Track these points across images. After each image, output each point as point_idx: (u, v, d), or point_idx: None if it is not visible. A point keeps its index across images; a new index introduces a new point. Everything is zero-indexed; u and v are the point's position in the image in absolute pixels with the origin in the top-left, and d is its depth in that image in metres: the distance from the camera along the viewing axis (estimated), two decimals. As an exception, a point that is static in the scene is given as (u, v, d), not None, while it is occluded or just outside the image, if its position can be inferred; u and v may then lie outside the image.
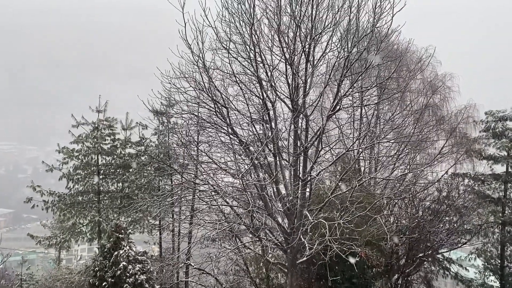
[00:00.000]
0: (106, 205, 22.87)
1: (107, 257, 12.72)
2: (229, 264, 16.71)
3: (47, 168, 22.41)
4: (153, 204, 17.00)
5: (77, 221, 22.74)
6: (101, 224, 21.91)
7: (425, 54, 20.21)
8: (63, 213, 22.54)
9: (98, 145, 22.67)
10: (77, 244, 25.95)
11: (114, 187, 23.33)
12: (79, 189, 22.77)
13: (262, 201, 14.08)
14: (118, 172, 23.09)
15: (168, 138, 22.24)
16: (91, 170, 22.67)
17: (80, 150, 22.69)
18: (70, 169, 22.71)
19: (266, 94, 13.76)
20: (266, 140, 13.47)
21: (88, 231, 22.78)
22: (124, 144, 23.34)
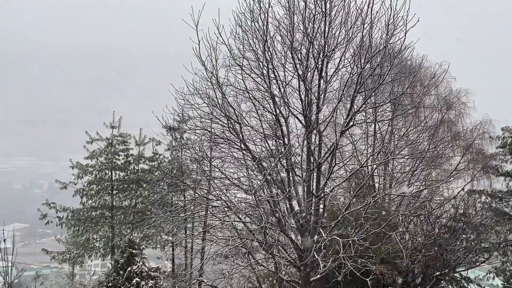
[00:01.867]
0: (119, 220, 22.98)
1: (120, 272, 12.72)
2: (242, 281, 16.52)
3: (61, 186, 22.68)
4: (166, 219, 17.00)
5: (91, 236, 22.85)
6: (114, 240, 21.98)
7: (439, 70, 20.10)
8: (77, 229, 22.70)
9: (112, 161, 22.90)
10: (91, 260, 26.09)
11: (127, 203, 23.46)
12: (92, 205, 22.95)
13: (275, 217, 13.97)
14: (131, 188, 23.24)
15: (181, 154, 22.36)
16: (105, 185, 22.87)
17: (94, 165, 22.95)
18: (84, 184, 22.94)
19: (279, 110, 13.79)
20: (279, 156, 13.45)
21: (101, 246, 22.86)
22: (137, 160, 23.54)
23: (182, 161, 21.45)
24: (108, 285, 12.75)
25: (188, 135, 20.00)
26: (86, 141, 23.00)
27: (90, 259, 25.80)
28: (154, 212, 21.27)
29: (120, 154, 23.33)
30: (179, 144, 22.19)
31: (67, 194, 23.09)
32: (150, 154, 23.62)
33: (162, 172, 22.40)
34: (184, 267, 20.50)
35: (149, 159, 23.59)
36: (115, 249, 21.81)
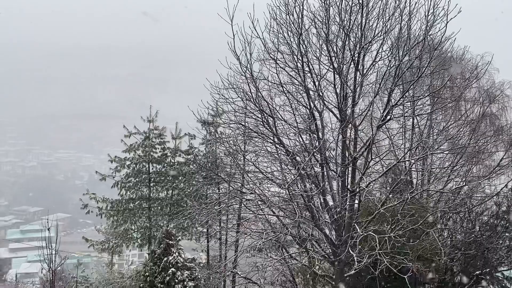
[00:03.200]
0: (156, 211, 23.55)
1: (157, 263, 13.05)
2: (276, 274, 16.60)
3: (101, 178, 23.47)
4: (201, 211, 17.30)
5: (129, 227, 23.56)
6: (151, 230, 22.59)
7: (481, 62, 19.26)
8: (115, 219, 23.47)
9: (149, 154, 23.46)
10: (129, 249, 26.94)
11: (163, 194, 24.01)
12: (130, 196, 23.63)
13: (309, 212, 13.91)
14: (167, 180, 23.75)
15: (216, 148, 22.62)
16: (142, 177, 23.48)
17: (132, 158, 23.58)
18: (122, 176, 23.64)
19: (313, 104, 13.66)
20: (313, 150, 13.35)
21: (139, 237, 23.52)
22: (173, 153, 24.01)
23: (216, 155, 21.71)
24: (145, 275, 13.13)
25: (223, 129, 20.20)
26: (124, 135, 23.66)
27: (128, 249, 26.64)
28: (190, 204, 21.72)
29: (156, 147, 23.87)
30: (213, 138, 22.44)
31: (107, 186, 23.89)
32: (186, 147, 24.02)
33: (197, 165, 22.75)
34: (218, 258, 20.81)
35: (185, 153, 23.99)
36: (152, 239, 22.41)
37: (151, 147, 23.66)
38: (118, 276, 21.78)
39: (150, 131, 23.75)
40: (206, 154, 23.58)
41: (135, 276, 19.69)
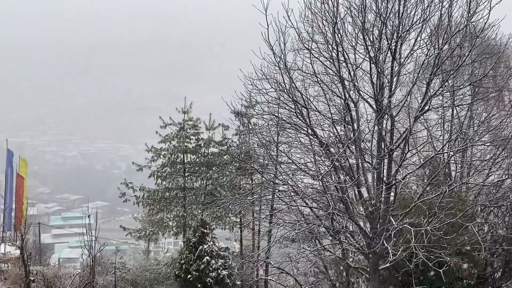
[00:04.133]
0: (190, 201, 23.99)
1: (192, 251, 13.32)
2: (309, 265, 16.60)
3: (138, 168, 24.11)
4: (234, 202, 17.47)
5: (164, 215, 24.14)
6: (186, 219, 23.06)
7: (528, 49, 18.28)
8: (152, 208, 24.08)
9: (184, 144, 23.86)
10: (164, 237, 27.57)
11: (198, 184, 24.40)
12: (166, 186, 24.15)
13: (343, 204, 13.78)
14: (202, 170, 24.11)
15: (249, 139, 22.71)
16: (177, 167, 23.94)
17: (167, 149, 24.07)
18: (158, 166, 24.19)
19: (348, 94, 13.44)
20: (347, 142, 13.17)
21: (174, 225, 24.06)
22: (207, 144, 24.31)
23: (249, 146, 21.81)
24: (180, 262, 13.43)
25: (256, 120, 20.22)
26: (160, 126, 24.16)
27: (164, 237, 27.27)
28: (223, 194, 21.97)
29: (191, 138, 24.24)
30: (246, 129, 22.53)
31: (143, 175, 24.51)
32: (219, 138, 24.26)
33: (230, 156, 22.95)
34: (251, 248, 21.01)
35: (219, 143, 24.24)
36: (186, 228, 22.88)
37: (186, 138, 24.05)
38: (154, 263, 22.38)
39: (184, 122, 24.13)
40: (239, 145, 23.73)
41: (171, 263, 20.18)
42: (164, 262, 21.99)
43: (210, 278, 12.73)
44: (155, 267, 21.19)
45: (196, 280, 12.86)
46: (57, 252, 56.46)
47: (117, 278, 19.06)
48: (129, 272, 20.89)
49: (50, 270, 19.23)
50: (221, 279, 12.89)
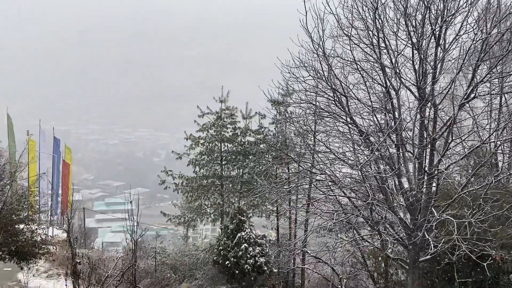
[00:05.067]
0: (227, 189, 24.28)
1: (230, 238, 13.50)
2: (346, 255, 16.48)
3: (177, 156, 24.60)
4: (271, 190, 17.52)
5: (202, 202, 24.57)
6: (224, 207, 23.39)
7: None
8: (190, 195, 24.57)
9: (221, 133, 24.09)
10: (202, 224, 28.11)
11: (234, 173, 24.62)
12: (204, 173, 24.53)
13: (382, 194, 13.52)
14: (238, 159, 24.29)
15: (286, 127, 22.61)
16: (215, 156, 24.24)
17: (205, 137, 24.38)
18: (196, 154, 24.57)
19: (389, 82, 13.08)
20: (388, 131, 12.85)
21: (212, 212, 24.46)
22: (244, 132, 24.42)
23: (286, 135, 21.72)
24: (218, 248, 13.65)
25: (293, 108, 20.07)
26: (198, 115, 24.46)
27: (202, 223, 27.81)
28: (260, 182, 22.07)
29: (228, 127, 24.42)
30: (283, 118, 22.43)
31: (182, 163, 24.98)
32: (256, 127, 24.31)
33: (267, 145, 22.96)
34: (288, 237, 21.06)
35: (255, 132, 24.30)
36: (224, 215, 23.21)
37: (223, 127, 24.25)
38: (193, 249, 22.90)
39: (221, 111, 24.31)
40: (276, 134, 23.68)
41: (209, 249, 20.58)
42: (202, 248, 22.45)
43: (248, 265, 12.87)
44: (194, 252, 21.67)
45: (234, 266, 13.04)
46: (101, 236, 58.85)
47: (157, 262, 19.68)
48: (169, 257, 21.48)
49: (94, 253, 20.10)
50: (258, 266, 13.01)
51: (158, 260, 19.95)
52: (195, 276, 19.31)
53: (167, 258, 21.28)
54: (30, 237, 15.54)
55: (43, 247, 15.99)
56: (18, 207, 15.44)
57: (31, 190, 17.46)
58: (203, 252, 21.13)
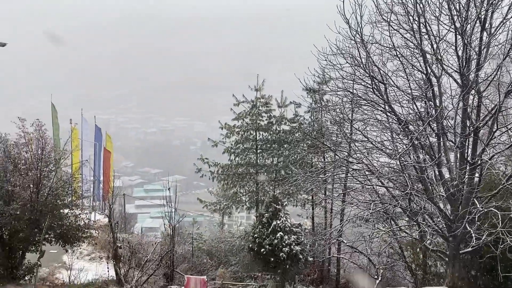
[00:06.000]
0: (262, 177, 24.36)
1: (265, 225, 13.59)
2: (383, 246, 16.24)
3: (212, 144, 24.89)
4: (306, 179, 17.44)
5: (238, 190, 24.80)
6: (258, 195, 23.54)
7: None
8: (226, 183, 24.85)
9: (256, 122, 24.12)
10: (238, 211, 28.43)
11: (269, 161, 24.65)
12: (239, 162, 24.72)
13: (421, 184, 13.18)
14: (273, 147, 24.29)
15: (321, 116, 22.36)
16: (250, 144, 24.35)
17: (240, 126, 24.50)
18: (232, 143, 24.76)
19: (430, 68, 12.65)
20: (428, 119, 12.46)
21: (247, 200, 24.67)
22: (279, 121, 24.35)
23: (322, 123, 21.49)
24: (254, 236, 13.78)
25: (329, 96, 19.80)
26: (233, 103, 24.56)
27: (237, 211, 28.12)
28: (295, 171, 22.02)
29: (263, 115, 24.41)
30: (319, 106, 22.17)
31: (217, 151, 25.24)
32: (291, 115, 24.16)
33: (302, 134, 22.81)
34: (323, 226, 20.96)
35: (290, 121, 24.18)
36: (259, 203, 23.36)
37: (258, 115, 24.27)
38: (229, 236, 23.24)
39: (257, 99, 24.30)
40: (312, 123, 23.46)
41: (244, 236, 20.83)
42: (238, 235, 22.75)
43: (283, 253, 12.94)
44: (229, 239, 22.00)
45: (269, 254, 13.15)
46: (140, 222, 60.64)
47: (194, 248, 20.13)
48: (205, 243, 21.92)
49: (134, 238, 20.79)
50: (293, 254, 13.05)
51: (195, 245, 20.41)
52: (230, 262, 19.63)
53: (204, 244, 21.72)
54: (74, 222, 16.27)
55: (86, 231, 16.69)
56: (62, 193, 16.16)
57: (75, 176, 18.20)
58: (238, 239, 21.41)
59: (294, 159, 23.13)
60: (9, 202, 14.60)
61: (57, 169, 16.43)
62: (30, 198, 14.85)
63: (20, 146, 15.80)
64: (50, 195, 15.42)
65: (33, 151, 15.72)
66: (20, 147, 15.79)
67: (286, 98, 24.39)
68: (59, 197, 15.93)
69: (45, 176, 15.67)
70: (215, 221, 32.57)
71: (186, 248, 20.22)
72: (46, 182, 15.71)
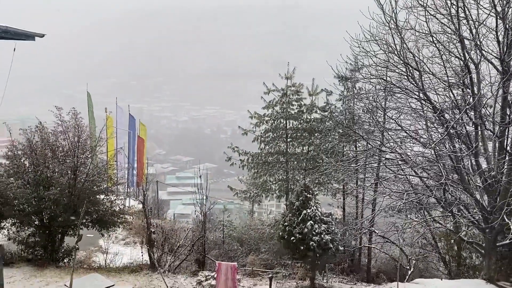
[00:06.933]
0: (292, 166, 24.31)
1: (296, 214, 13.58)
2: (416, 236, 15.95)
3: (243, 132, 24.98)
4: (337, 168, 17.27)
5: (267, 179, 24.87)
6: (288, 184, 23.52)
7: None
8: (256, 171, 24.96)
9: (286, 110, 23.99)
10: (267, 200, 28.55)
11: (300, 150, 24.53)
12: (269, 150, 24.73)
13: (457, 174, 12.81)
14: (304, 136, 24.13)
15: (354, 104, 21.98)
16: (280, 133, 24.28)
17: (270, 114, 24.44)
18: (262, 131, 24.77)
19: (468, 54, 12.18)
20: (465, 107, 12.04)
21: (276, 188, 24.71)
22: (310, 109, 24.12)
23: (354, 111, 21.13)
24: (284, 224, 13.80)
25: (362, 84, 19.40)
26: (264, 92, 24.49)
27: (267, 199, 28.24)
28: (326, 160, 21.82)
29: (293, 103, 24.24)
30: (351, 94, 21.78)
31: (247, 139, 25.35)
32: (322, 104, 23.89)
33: (333, 122, 22.52)
34: (354, 216, 20.76)
35: (321, 109, 23.91)
36: (289, 192, 23.35)
37: (288, 104, 24.11)
38: (259, 223, 23.40)
39: (287, 87, 24.13)
40: (343, 111, 23.10)
41: (274, 224, 20.91)
42: (268, 223, 22.86)
43: (313, 242, 12.91)
44: (260, 227, 22.13)
45: (300, 242, 13.15)
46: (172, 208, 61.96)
47: (225, 235, 20.40)
48: (236, 230, 22.15)
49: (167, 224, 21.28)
50: (324, 243, 12.99)
51: (226, 232, 20.67)
52: (260, 249, 19.79)
53: (234, 231, 21.95)
54: (109, 207, 16.80)
55: (121, 217, 17.22)
56: (98, 179, 16.69)
57: (110, 163, 18.76)
58: (268, 227, 21.52)
59: (325, 148, 22.91)
60: (49, 188, 15.21)
61: (93, 157, 16.96)
62: (68, 184, 15.43)
63: (58, 134, 16.39)
64: (86, 181, 15.96)
65: (70, 139, 16.27)
66: (58, 135, 16.37)
67: (317, 86, 24.11)
68: (95, 183, 16.45)
69: (82, 163, 16.22)
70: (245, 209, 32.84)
71: (217, 234, 20.52)
72: (83, 169, 16.25)
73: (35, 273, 14.68)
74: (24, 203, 15.03)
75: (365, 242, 19.83)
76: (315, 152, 23.40)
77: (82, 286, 13.36)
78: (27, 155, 15.87)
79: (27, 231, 16.06)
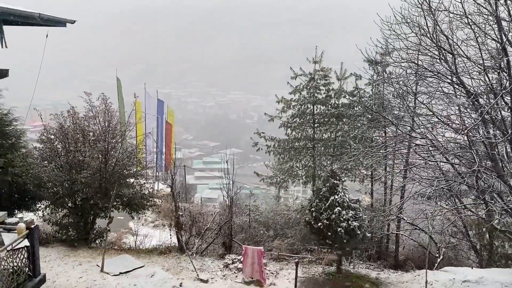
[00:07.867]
0: (319, 152, 24.12)
1: (323, 200, 13.52)
2: (446, 224, 15.62)
3: (269, 118, 24.88)
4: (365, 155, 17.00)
5: (294, 164, 24.79)
6: (315, 169, 23.37)
7: None
8: (282, 157, 24.90)
9: (314, 95, 23.70)
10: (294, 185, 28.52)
11: (327, 136, 24.28)
12: (296, 136, 24.58)
13: (491, 161, 12.39)
14: (331, 121, 23.83)
15: (383, 88, 21.49)
16: (307, 118, 24.05)
17: (297, 100, 24.20)
18: (288, 117, 24.60)
19: (506, 37, 11.63)
20: (501, 92, 11.56)
21: (303, 174, 24.62)
22: (338, 94, 23.75)
23: (384, 96, 20.67)
24: (311, 210, 13.77)
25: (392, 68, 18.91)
26: (291, 77, 24.21)
27: (293, 185, 28.22)
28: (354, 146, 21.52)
29: (321, 88, 23.90)
30: (381, 78, 21.28)
31: (274, 125, 25.25)
32: (351, 88, 23.44)
33: (362, 107, 22.11)
34: (383, 202, 20.49)
35: (350, 94, 23.50)
36: (316, 178, 23.24)
37: (316, 88, 23.80)
38: (285, 209, 23.46)
39: (315, 72, 23.79)
40: (373, 96, 22.63)
41: (300, 210, 20.92)
42: (294, 208, 22.87)
43: (341, 228, 12.85)
44: (286, 212, 22.20)
45: (327, 228, 13.11)
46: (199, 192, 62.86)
47: (251, 219, 20.56)
48: (262, 215, 22.28)
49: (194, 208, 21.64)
50: (351, 229, 12.90)
51: (252, 217, 20.82)
52: (286, 234, 19.87)
53: (260, 216, 22.09)
54: (139, 190, 17.18)
55: (150, 200, 17.60)
56: (128, 163, 17.05)
57: (139, 148, 19.10)
58: (294, 212, 21.55)
59: (353, 133, 22.58)
60: (80, 171, 15.66)
61: (123, 141, 17.30)
62: (99, 167, 15.83)
63: (89, 119, 16.77)
64: (117, 165, 16.33)
65: (100, 124, 16.64)
66: (89, 120, 16.76)
67: (346, 70, 23.64)
68: (125, 167, 16.82)
69: (112, 147, 16.58)
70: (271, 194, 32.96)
71: (243, 219, 20.71)
72: (113, 153, 16.63)
73: (68, 253, 15.24)
74: (57, 186, 15.54)
75: (393, 229, 19.59)
76: (343, 138, 23.10)
77: (113, 266, 13.80)
78: (60, 139, 16.33)
79: (61, 213, 16.63)
